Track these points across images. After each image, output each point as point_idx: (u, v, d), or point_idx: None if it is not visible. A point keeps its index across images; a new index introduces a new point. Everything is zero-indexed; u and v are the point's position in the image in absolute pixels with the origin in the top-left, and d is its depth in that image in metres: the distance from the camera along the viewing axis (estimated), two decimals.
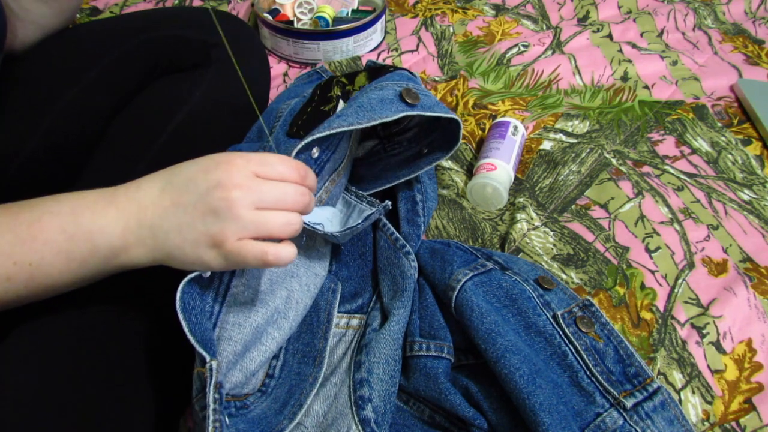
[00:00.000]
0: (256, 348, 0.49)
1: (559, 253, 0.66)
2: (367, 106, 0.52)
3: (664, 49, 1.02)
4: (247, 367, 0.48)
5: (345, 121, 0.50)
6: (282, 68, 1.00)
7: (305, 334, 0.54)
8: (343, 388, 0.50)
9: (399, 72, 0.63)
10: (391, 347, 0.51)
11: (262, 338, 0.49)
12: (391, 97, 0.55)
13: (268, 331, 0.50)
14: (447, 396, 0.48)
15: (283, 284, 0.52)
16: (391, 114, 0.53)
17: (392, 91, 0.56)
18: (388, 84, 0.57)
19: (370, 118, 0.51)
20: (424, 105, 0.56)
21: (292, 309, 0.52)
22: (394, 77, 0.60)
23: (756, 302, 0.61)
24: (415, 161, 0.64)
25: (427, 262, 0.60)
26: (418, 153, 0.65)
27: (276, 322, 0.51)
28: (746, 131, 0.84)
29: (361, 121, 0.50)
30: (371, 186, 0.63)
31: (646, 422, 0.46)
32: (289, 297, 0.52)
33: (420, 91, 0.58)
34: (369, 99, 0.54)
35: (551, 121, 0.86)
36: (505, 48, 1.02)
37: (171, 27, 0.64)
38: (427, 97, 0.58)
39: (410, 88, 0.56)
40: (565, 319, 0.52)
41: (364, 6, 1.09)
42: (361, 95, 0.55)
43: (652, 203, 0.72)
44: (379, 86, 0.57)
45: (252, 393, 0.48)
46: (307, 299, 0.54)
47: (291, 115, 0.58)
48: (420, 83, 0.63)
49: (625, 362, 0.50)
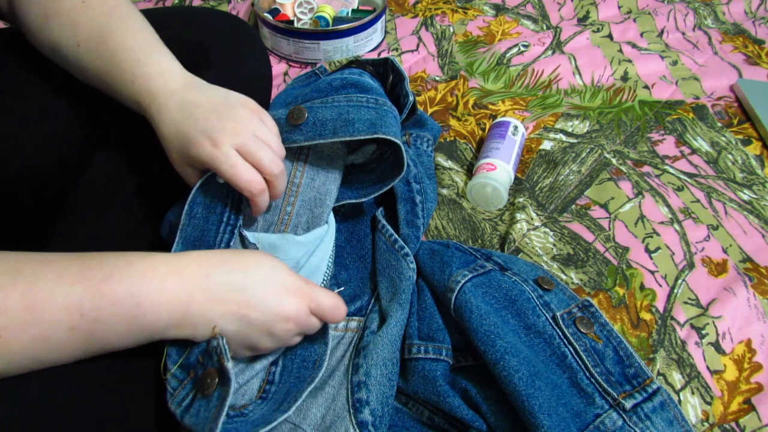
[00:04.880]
0: (248, 365, 0.49)
1: (559, 253, 0.66)
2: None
3: (664, 49, 1.02)
4: (239, 374, 0.48)
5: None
6: (282, 68, 1.00)
7: (304, 339, 0.54)
8: (341, 390, 0.50)
9: (349, 70, 0.63)
10: (389, 350, 0.51)
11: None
12: (279, 117, 0.57)
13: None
14: (446, 398, 0.48)
15: None
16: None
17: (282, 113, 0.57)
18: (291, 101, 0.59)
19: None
20: (317, 121, 0.56)
21: None
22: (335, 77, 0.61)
23: (756, 302, 0.61)
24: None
25: (426, 264, 0.59)
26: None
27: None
28: (746, 131, 0.84)
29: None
30: (372, 190, 0.63)
31: (645, 423, 0.46)
32: None
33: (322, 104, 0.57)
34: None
35: (551, 121, 0.86)
36: (505, 48, 1.02)
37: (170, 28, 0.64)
38: (327, 108, 0.57)
39: (299, 107, 0.57)
40: (565, 320, 0.52)
41: (365, 6, 1.09)
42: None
43: (652, 203, 0.72)
44: (279, 105, 0.59)
45: (250, 403, 0.48)
46: None
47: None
48: (366, 78, 0.62)
49: (625, 363, 0.49)
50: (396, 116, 0.60)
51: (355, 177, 0.66)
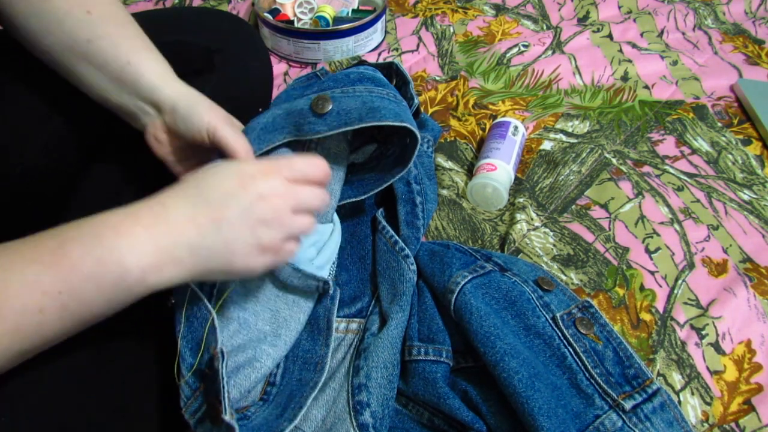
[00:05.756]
0: (251, 365, 0.48)
1: (559, 253, 0.66)
2: (270, 126, 0.55)
3: (665, 49, 1.02)
4: (242, 383, 0.47)
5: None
6: (282, 68, 1.00)
7: (306, 342, 0.54)
8: (341, 392, 0.50)
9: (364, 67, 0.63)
10: (390, 352, 0.51)
11: (256, 355, 0.49)
12: (301, 107, 0.55)
13: (262, 349, 0.50)
14: (446, 400, 0.48)
15: (267, 305, 0.53)
16: (277, 140, 0.54)
17: (305, 101, 0.55)
18: (305, 94, 0.57)
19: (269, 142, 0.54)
20: (341, 110, 0.54)
21: (282, 327, 0.52)
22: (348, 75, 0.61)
23: (756, 303, 0.61)
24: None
25: (427, 265, 0.60)
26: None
27: (266, 341, 0.51)
28: (746, 131, 0.84)
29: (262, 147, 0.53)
30: (372, 187, 0.63)
31: (645, 424, 0.46)
32: (276, 316, 0.52)
33: (347, 93, 0.56)
34: (273, 116, 0.55)
35: (551, 121, 0.86)
36: (505, 48, 1.02)
37: (173, 32, 0.64)
38: (350, 98, 0.56)
39: (323, 95, 0.55)
40: (565, 321, 0.52)
41: (365, 6, 1.09)
42: (276, 106, 0.57)
43: (653, 203, 0.72)
44: (296, 95, 0.58)
45: (252, 404, 0.48)
46: (298, 314, 0.54)
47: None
48: (382, 80, 0.61)
49: (625, 364, 0.49)
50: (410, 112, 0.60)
51: (354, 176, 0.66)
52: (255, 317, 0.51)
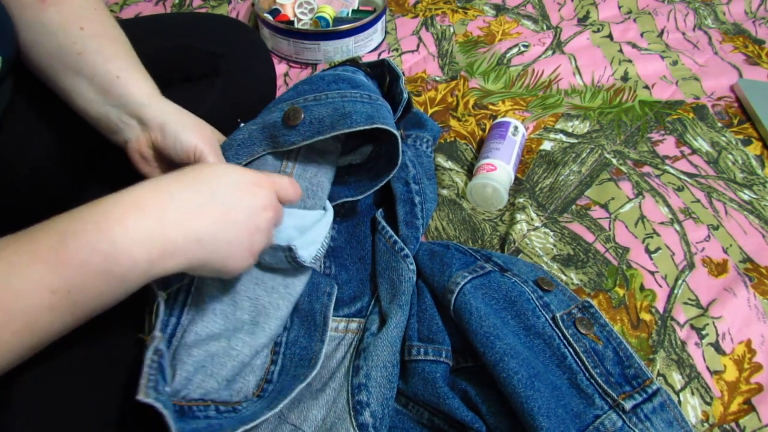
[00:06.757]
0: (227, 354, 0.48)
1: (559, 253, 0.66)
2: (247, 141, 0.57)
3: (665, 49, 1.02)
4: (218, 371, 0.47)
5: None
6: (283, 69, 1.00)
7: (302, 339, 0.54)
8: (341, 392, 0.50)
9: (344, 66, 0.63)
10: (389, 352, 0.51)
11: (231, 343, 0.49)
12: (274, 120, 0.56)
13: (238, 337, 0.49)
14: (445, 400, 0.48)
15: (246, 293, 0.52)
16: (257, 153, 0.57)
17: (278, 114, 0.57)
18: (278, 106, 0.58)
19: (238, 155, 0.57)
20: (313, 120, 0.55)
21: (261, 314, 0.52)
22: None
23: (756, 303, 0.61)
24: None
25: (426, 265, 0.60)
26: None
27: (243, 329, 0.50)
28: (746, 131, 0.84)
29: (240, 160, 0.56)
30: (368, 187, 0.63)
31: (645, 424, 0.46)
32: (255, 304, 0.52)
33: (317, 102, 0.57)
34: (249, 131, 0.57)
35: (551, 122, 0.86)
36: (505, 48, 1.02)
37: (180, 37, 0.65)
38: (321, 106, 0.56)
39: (295, 107, 0.56)
40: (564, 321, 0.52)
41: (365, 6, 1.09)
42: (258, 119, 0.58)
43: (653, 203, 0.72)
44: (272, 108, 0.59)
45: (245, 400, 0.48)
46: (280, 301, 0.53)
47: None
48: (360, 76, 0.62)
49: (625, 364, 0.49)
50: (390, 111, 0.60)
51: (352, 177, 0.66)
52: (233, 307, 0.51)
